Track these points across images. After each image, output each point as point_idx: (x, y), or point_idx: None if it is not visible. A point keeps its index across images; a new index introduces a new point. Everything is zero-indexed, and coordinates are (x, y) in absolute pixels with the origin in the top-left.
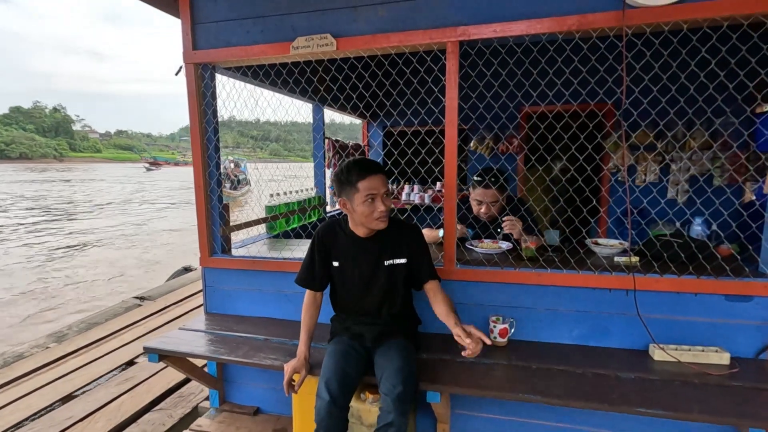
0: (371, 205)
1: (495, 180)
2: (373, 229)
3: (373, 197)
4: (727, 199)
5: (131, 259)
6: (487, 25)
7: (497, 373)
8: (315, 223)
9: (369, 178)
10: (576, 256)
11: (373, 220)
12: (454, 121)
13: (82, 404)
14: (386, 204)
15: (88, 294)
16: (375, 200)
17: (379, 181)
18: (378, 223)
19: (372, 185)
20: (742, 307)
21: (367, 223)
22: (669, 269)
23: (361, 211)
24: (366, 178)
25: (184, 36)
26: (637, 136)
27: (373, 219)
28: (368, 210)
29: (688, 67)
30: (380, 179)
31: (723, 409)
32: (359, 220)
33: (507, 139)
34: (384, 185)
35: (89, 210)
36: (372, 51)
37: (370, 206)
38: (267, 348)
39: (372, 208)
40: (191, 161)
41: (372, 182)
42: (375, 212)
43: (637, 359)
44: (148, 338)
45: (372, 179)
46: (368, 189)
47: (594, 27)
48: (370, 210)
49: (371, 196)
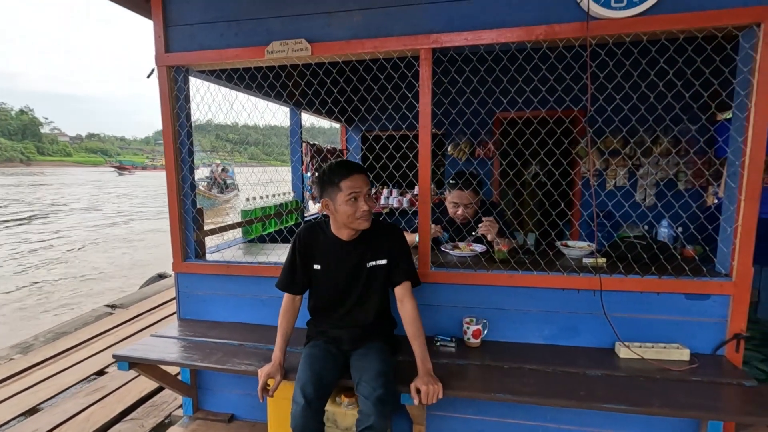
0: (354, 204)
1: (469, 182)
2: (355, 230)
3: (356, 196)
4: (689, 202)
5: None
6: (458, 34)
7: (471, 374)
8: (291, 227)
9: (352, 178)
10: (546, 258)
11: (356, 220)
12: (428, 126)
13: (49, 416)
14: (369, 204)
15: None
16: (358, 199)
17: (361, 181)
18: (361, 223)
19: (355, 184)
20: (701, 305)
21: (349, 223)
22: (633, 270)
23: (344, 210)
24: (349, 177)
25: (156, 38)
26: (603, 142)
27: (356, 218)
28: (351, 209)
29: (648, 76)
30: (362, 179)
31: (683, 402)
32: (342, 220)
33: (480, 144)
34: (366, 185)
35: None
36: (347, 57)
37: (353, 205)
38: (242, 353)
39: (355, 208)
40: (160, 165)
41: (355, 181)
42: (358, 211)
43: (604, 357)
44: (120, 347)
45: (355, 178)
46: (351, 188)
47: (560, 37)
48: (353, 209)
49: (354, 195)
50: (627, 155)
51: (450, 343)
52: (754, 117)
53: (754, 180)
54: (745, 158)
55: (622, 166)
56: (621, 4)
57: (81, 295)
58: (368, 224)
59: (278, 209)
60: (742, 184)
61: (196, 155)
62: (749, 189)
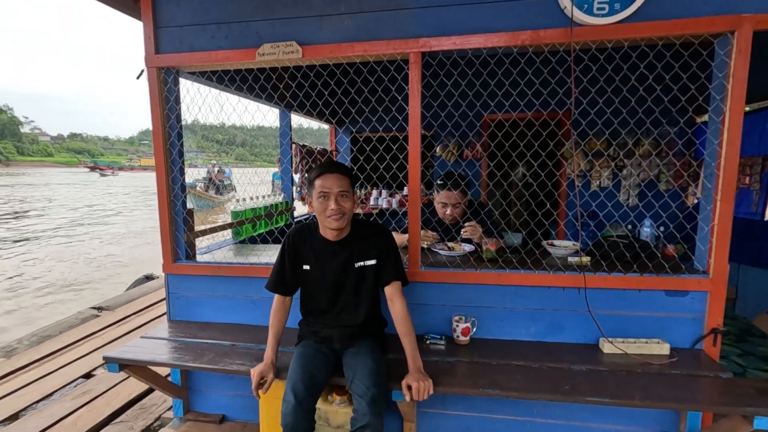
0: (324, 203)
1: (458, 183)
2: (328, 228)
3: (326, 195)
4: (669, 202)
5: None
6: (447, 38)
7: (460, 371)
8: (282, 228)
9: (323, 177)
10: (533, 256)
11: (326, 218)
12: (417, 128)
13: (35, 420)
14: (339, 204)
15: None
16: (328, 198)
17: (333, 181)
18: (330, 221)
19: (325, 184)
20: (680, 301)
21: (322, 220)
22: (616, 268)
23: (316, 207)
24: (321, 176)
25: (146, 39)
26: (587, 144)
27: (326, 217)
28: (321, 207)
29: (630, 81)
30: (335, 179)
31: (663, 395)
32: (318, 218)
33: (469, 146)
34: (338, 185)
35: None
36: (337, 59)
37: (323, 203)
38: (233, 354)
39: (325, 206)
40: (138, 165)
41: (326, 181)
42: (327, 210)
43: (589, 353)
44: (107, 349)
45: (326, 178)
46: (321, 187)
47: (545, 42)
48: (323, 207)
49: (323, 194)
50: (610, 157)
51: (440, 341)
52: (728, 120)
53: (729, 181)
54: (720, 160)
55: (606, 168)
56: (603, 11)
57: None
58: (338, 224)
59: (268, 210)
60: (718, 184)
61: (188, 155)
62: (725, 190)
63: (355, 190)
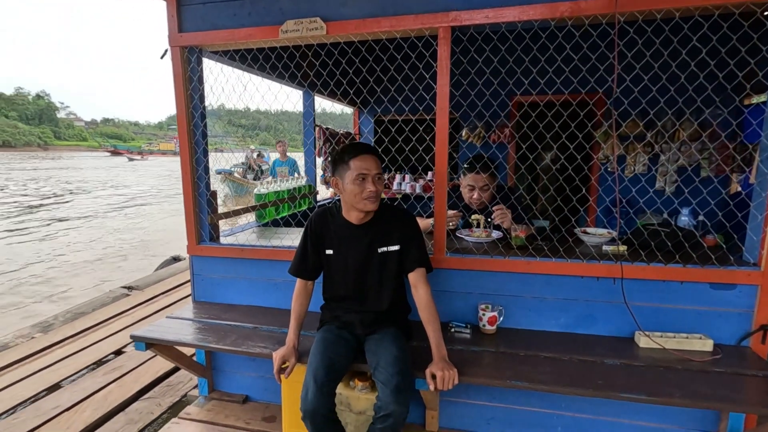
0: (361, 185)
1: (486, 166)
2: (362, 211)
3: (364, 177)
4: (714, 189)
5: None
6: (479, 11)
7: (485, 361)
8: (305, 211)
9: (361, 157)
10: (565, 244)
11: (362, 200)
12: (446, 108)
13: (69, 394)
14: (377, 186)
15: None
16: (365, 180)
17: (371, 162)
18: (367, 204)
19: (364, 165)
20: (726, 295)
21: (356, 203)
22: (656, 258)
23: (351, 189)
24: (358, 156)
25: (169, 18)
26: (627, 126)
27: (362, 199)
28: (358, 189)
29: (679, 56)
30: (373, 160)
31: (704, 393)
32: (349, 200)
33: (498, 128)
34: (376, 167)
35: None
36: (362, 36)
37: (360, 185)
38: (256, 336)
39: (362, 188)
40: (156, 149)
41: (364, 162)
42: (365, 192)
43: (623, 346)
44: (136, 327)
45: (364, 158)
46: (360, 168)
47: (586, 14)
48: (360, 189)
49: (362, 176)
50: (651, 140)
51: (465, 329)
52: None
53: None
54: None
55: (645, 152)
56: None
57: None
58: (374, 206)
59: (291, 193)
60: None
61: (215, 139)
62: None
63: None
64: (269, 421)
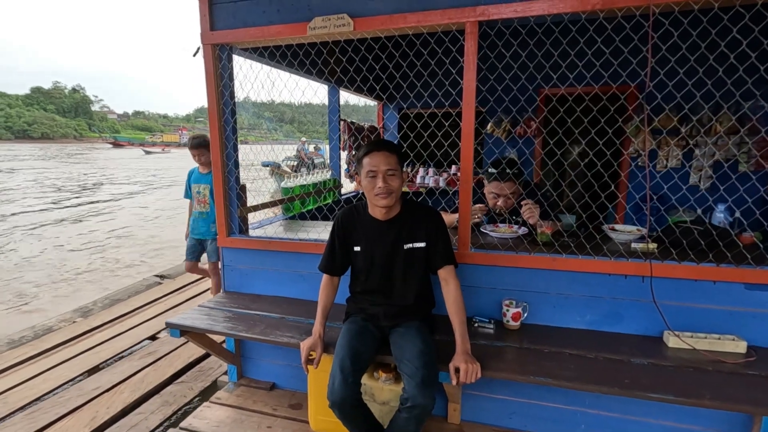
0: (372, 181)
1: (511, 175)
2: (381, 207)
3: (374, 173)
4: (752, 186)
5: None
6: (507, 5)
7: (509, 356)
8: (330, 205)
9: (371, 155)
10: (592, 241)
11: (374, 196)
12: (472, 103)
13: (108, 376)
14: (387, 182)
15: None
16: (375, 177)
17: (380, 159)
18: (378, 200)
19: (373, 162)
20: (762, 295)
21: (371, 198)
22: (687, 256)
23: (365, 186)
24: (369, 154)
25: (201, 17)
26: (660, 120)
27: (374, 195)
28: (369, 186)
29: (717, 48)
30: (382, 157)
31: (737, 396)
32: (367, 196)
33: (525, 122)
34: (386, 164)
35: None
36: (389, 32)
37: (371, 182)
38: (283, 326)
39: (373, 184)
40: (160, 141)
41: (373, 159)
42: (375, 188)
43: (651, 345)
44: (169, 315)
45: (374, 156)
46: (369, 165)
47: (619, 6)
48: (372, 186)
49: (372, 172)
50: (686, 135)
51: (488, 324)
52: None
53: None
54: None
55: (679, 147)
56: None
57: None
58: (386, 202)
59: (317, 187)
60: None
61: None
62: None
63: (403, 168)
64: (296, 408)
